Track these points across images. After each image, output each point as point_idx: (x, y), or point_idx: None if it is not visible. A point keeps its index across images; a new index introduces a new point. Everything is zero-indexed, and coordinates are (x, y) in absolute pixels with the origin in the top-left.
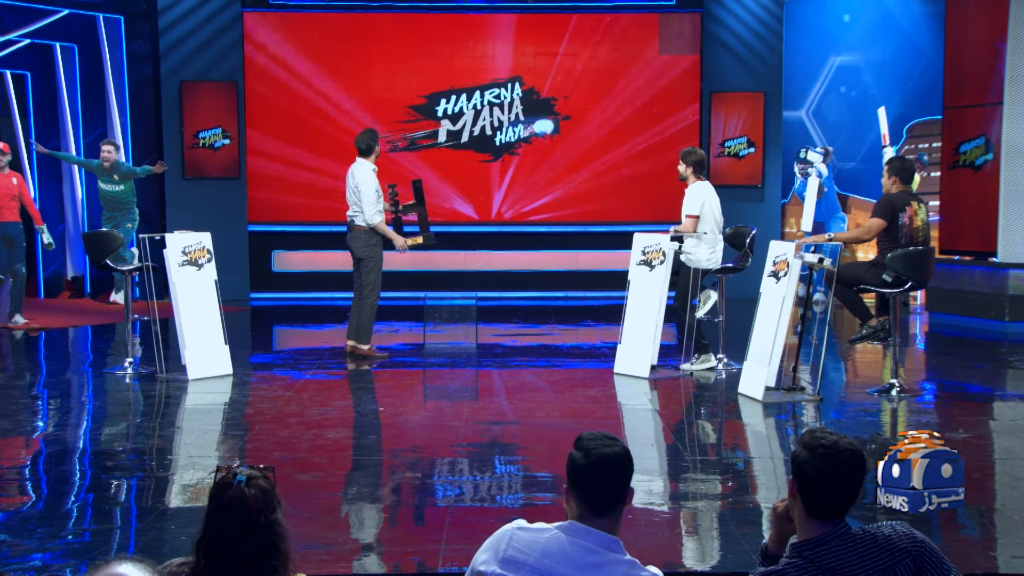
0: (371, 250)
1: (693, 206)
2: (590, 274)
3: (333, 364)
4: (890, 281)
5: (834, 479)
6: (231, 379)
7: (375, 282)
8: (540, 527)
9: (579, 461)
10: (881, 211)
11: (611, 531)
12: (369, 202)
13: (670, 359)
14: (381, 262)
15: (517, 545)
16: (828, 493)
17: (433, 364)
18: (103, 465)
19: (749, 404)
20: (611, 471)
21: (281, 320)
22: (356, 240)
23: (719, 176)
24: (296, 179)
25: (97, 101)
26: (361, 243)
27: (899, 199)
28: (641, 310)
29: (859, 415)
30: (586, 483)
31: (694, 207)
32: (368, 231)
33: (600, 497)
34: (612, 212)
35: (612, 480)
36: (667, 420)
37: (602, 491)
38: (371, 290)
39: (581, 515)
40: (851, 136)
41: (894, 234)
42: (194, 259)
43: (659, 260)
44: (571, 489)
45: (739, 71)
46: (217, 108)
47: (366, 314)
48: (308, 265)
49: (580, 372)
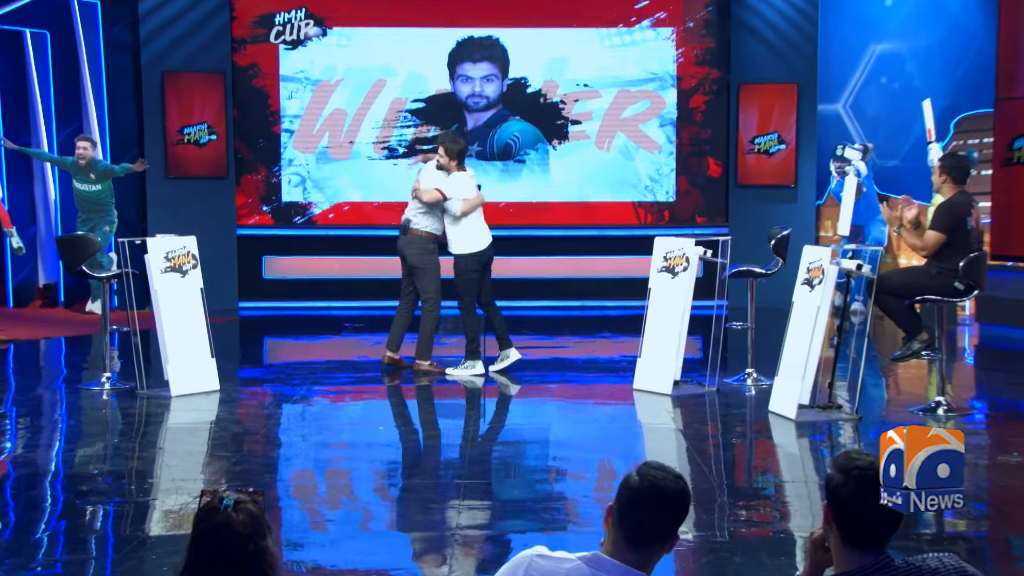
0: (427, 257)
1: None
2: (607, 281)
3: (328, 379)
4: (962, 289)
5: (872, 505)
6: (218, 395)
7: (436, 292)
8: (562, 557)
9: (633, 485)
10: (942, 224)
11: (641, 568)
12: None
13: (695, 374)
14: (438, 269)
15: (535, 574)
16: (866, 520)
17: (437, 379)
18: (77, 489)
19: (781, 423)
20: (662, 506)
21: (272, 331)
22: (411, 246)
23: (748, 175)
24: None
25: (71, 93)
26: (416, 249)
27: (961, 205)
28: (663, 321)
29: None
30: (632, 510)
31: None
32: (424, 236)
33: (641, 529)
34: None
35: (660, 516)
36: (691, 440)
37: (646, 524)
38: (432, 302)
39: (615, 541)
40: (893, 131)
41: (962, 239)
42: (178, 265)
43: (682, 267)
44: (616, 511)
45: (770, 61)
46: (203, 101)
47: (427, 327)
48: (302, 272)
49: (597, 388)
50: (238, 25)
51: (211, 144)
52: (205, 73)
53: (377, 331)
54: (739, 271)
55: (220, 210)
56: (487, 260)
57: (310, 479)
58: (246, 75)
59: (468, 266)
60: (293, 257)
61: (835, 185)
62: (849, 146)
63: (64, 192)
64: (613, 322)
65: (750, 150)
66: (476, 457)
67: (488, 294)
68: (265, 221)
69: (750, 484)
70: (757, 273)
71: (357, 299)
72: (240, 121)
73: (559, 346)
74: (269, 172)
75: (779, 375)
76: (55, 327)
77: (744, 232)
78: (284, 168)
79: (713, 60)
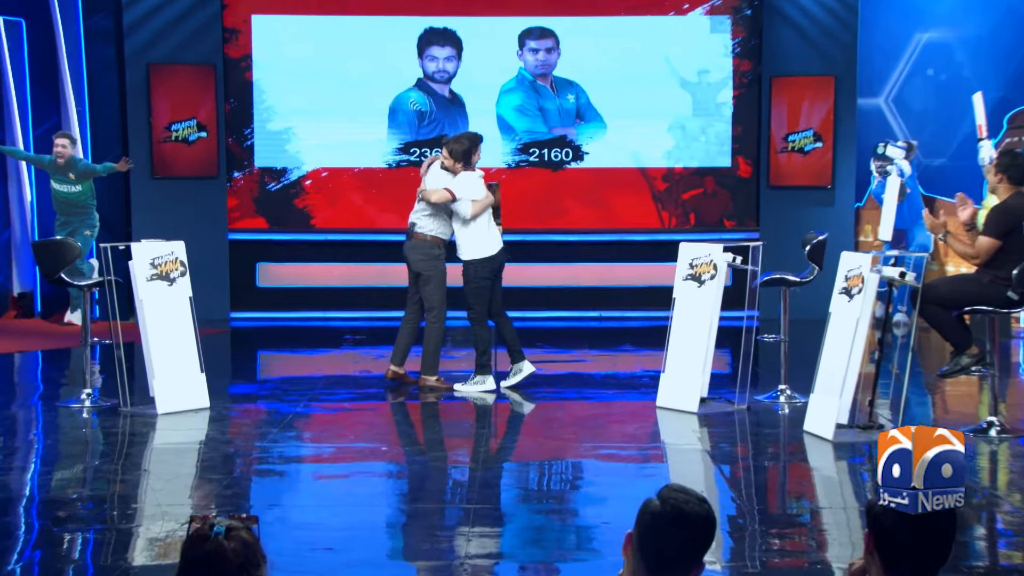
0: (432, 264)
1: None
2: (628, 290)
3: (327, 396)
4: (1016, 299)
5: (918, 534)
6: (208, 413)
7: (441, 302)
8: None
9: (654, 509)
10: (995, 228)
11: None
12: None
13: (723, 391)
14: (444, 277)
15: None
16: (911, 551)
17: (445, 395)
18: (54, 516)
19: (817, 444)
20: (685, 532)
21: (267, 344)
22: (415, 251)
23: (781, 175)
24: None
25: (49, 86)
26: (420, 254)
27: (1017, 208)
28: (688, 333)
29: None
30: (653, 537)
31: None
32: (430, 241)
33: (663, 558)
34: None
35: (683, 543)
36: (719, 463)
37: (668, 551)
38: (437, 313)
39: (635, 571)
40: (940, 127)
41: (1018, 245)
42: (165, 272)
43: (709, 274)
44: (635, 538)
45: (805, 51)
46: (192, 96)
47: (432, 340)
48: (299, 279)
49: (617, 406)
50: (229, 14)
51: (200, 142)
52: (194, 65)
53: (380, 343)
54: (771, 279)
55: (210, 213)
56: (498, 267)
57: (307, 504)
58: (238, 68)
59: (478, 273)
60: (289, 264)
61: (876, 186)
62: (891, 144)
63: (41, 193)
64: (634, 334)
65: (783, 148)
66: (486, 480)
67: (499, 303)
68: (259, 225)
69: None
70: (791, 281)
71: (358, 309)
72: (232, 117)
73: (576, 360)
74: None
75: (815, 392)
76: (31, 339)
77: (777, 237)
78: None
79: (743, 51)
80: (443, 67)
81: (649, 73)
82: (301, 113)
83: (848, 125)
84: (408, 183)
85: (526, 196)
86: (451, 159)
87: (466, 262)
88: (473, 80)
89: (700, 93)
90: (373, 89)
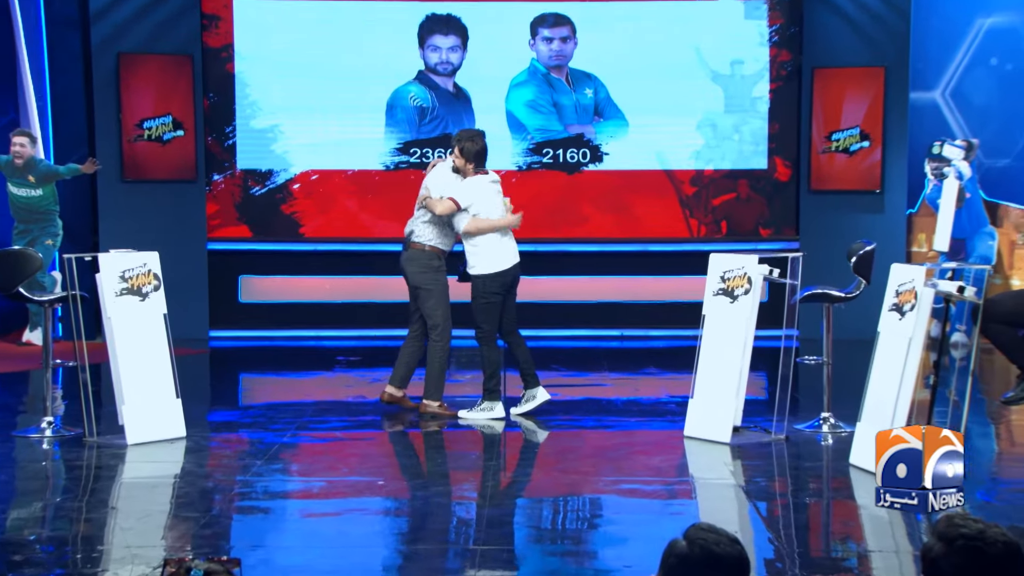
0: (431, 276)
1: None
2: (653, 306)
3: (318, 424)
4: None
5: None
6: (184, 444)
7: (444, 318)
8: None
9: (680, 551)
10: None
11: None
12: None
13: (759, 418)
14: (446, 290)
15: None
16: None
17: (450, 424)
18: (9, 560)
19: (865, 480)
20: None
21: (251, 366)
22: (412, 263)
23: (823, 179)
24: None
25: (6, 79)
26: (418, 266)
27: None
28: (720, 354)
29: (1015, 497)
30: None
31: None
32: (429, 251)
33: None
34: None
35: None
36: (755, 499)
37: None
38: (441, 331)
39: None
40: (1004, 124)
41: None
42: (136, 286)
43: (743, 289)
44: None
45: (851, 39)
46: (167, 89)
47: (436, 362)
48: (287, 294)
49: (640, 435)
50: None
51: (176, 141)
52: (169, 56)
53: (377, 366)
54: (812, 294)
55: (187, 220)
56: (511, 282)
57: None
58: (219, 58)
59: (487, 288)
60: (275, 276)
61: (931, 190)
62: (949, 143)
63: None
64: (659, 355)
65: (826, 148)
66: (495, 518)
67: (512, 321)
68: (242, 233)
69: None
70: (834, 297)
71: (353, 327)
72: (211, 113)
73: (595, 384)
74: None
75: (862, 421)
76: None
77: (818, 247)
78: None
79: (782, 39)
80: (447, 58)
81: (676, 65)
82: (289, 109)
83: (899, 122)
84: (408, 187)
85: (539, 202)
86: (462, 158)
87: (473, 276)
88: (480, 73)
89: (733, 87)
90: (369, 83)
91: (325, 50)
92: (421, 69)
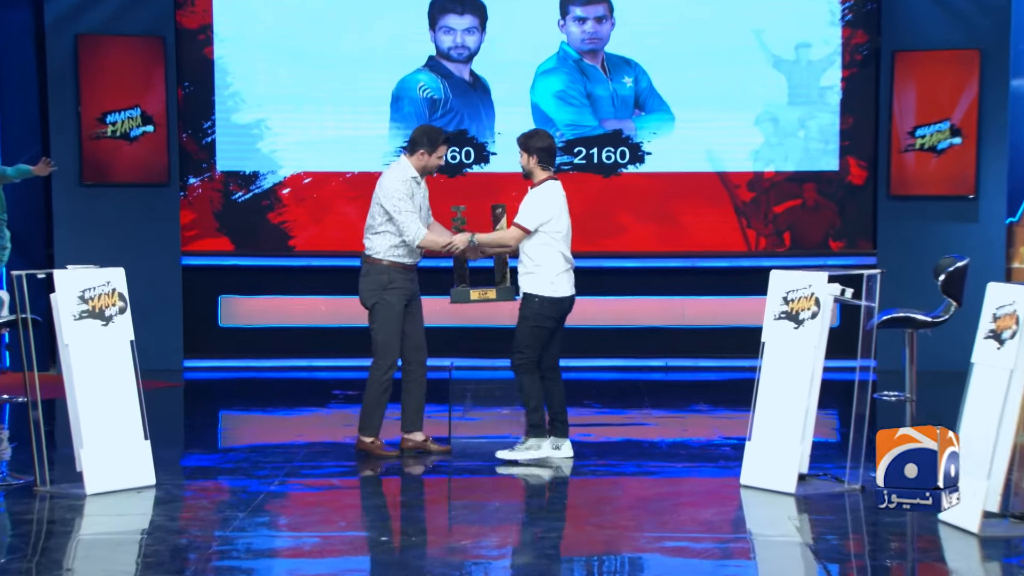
0: (378, 295)
1: None
2: (703, 332)
3: (311, 470)
4: None
5: None
6: (153, 493)
7: (384, 345)
8: None
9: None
10: None
11: None
12: (400, 214)
13: (829, 465)
14: (395, 314)
15: None
16: None
17: (463, 470)
18: None
19: (958, 539)
20: None
21: (232, 401)
22: (362, 281)
23: (906, 182)
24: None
25: None
26: (368, 284)
27: None
28: (782, 388)
29: None
30: None
31: None
32: (388, 266)
33: None
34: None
35: None
36: (825, 560)
37: None
38: (379, 357)
39: None
40: None
41: None
42: (98, 309)
43: (810, 312)
44: None
45: (939, 18)
46: (135, 78)
47: (369, 393)
48: (274, 317)
49: (688, 483)
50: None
51: (145, 138)
52: (138, 38)
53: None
54: (893, 318)
55: (159, 230)
56: (566, 312)
57: None
58: (196, 42)
59: (543, 311)
60: (261, 296)
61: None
62: None
63: None
64: (711, 389)
65: (909, 146)
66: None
67: (555, 356)
68: (222, 246)
69: None
70: (919, 321)
71: (352, 355)
72: (187, 106)
73: (635, 423)
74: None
75: None
76: None
77: (900, 263)
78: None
79: (857, 18)
80: (462, 41)
81: (731, 49)
82: (277, 101)
83: (997, 115)
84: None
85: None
86: (532, 156)
87: (529, 295)
88: (501, 59)
89: (798, 74)
90: (371, 70)
91: (320, 32)
92: (432, 55)
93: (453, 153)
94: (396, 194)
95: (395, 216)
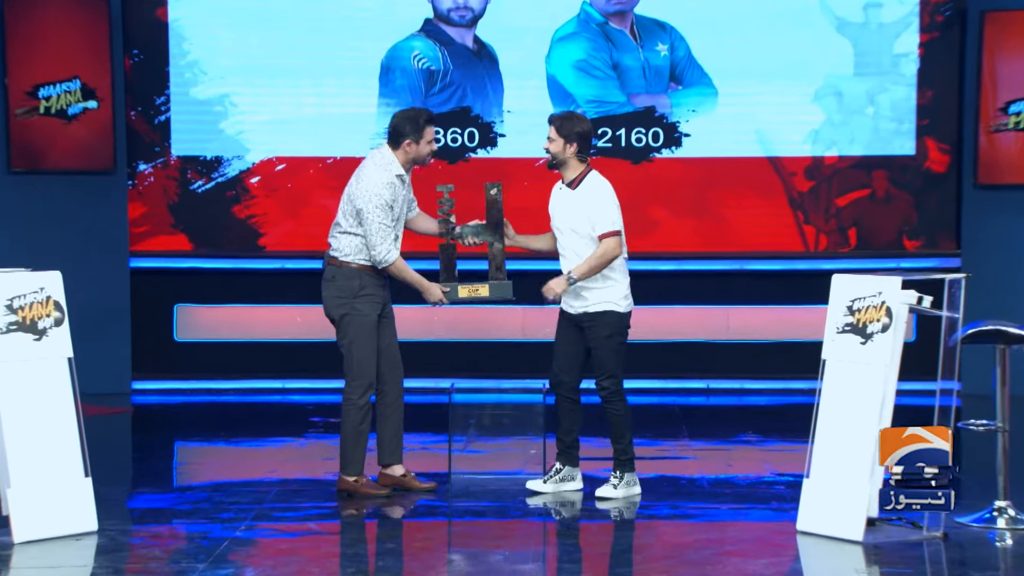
0: (347, 304)
1: None
2: (752, 348)
3: (284, 512)
4: None
5: None
6: (95, 541)
7: (360, 364)
8: None
9: None
10: None
11: None
12: (373, 225)
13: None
14: (369, 327)
15: None
16: None
17: (464, 512)
18: None
19: None
20: None
21: (190, 430)
22: (328, 287)
23: (996, 168)
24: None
25: None
26: (335, 291)
27: None
28: (846, 415)
29: None
30: None
31: None
32: (356, 269)
33: None
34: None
35: None
36: None
37: None
38: (353, 378)
39: None
40: None
41: None
42: (29, 320)
43: (880, 324)
44: None
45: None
46: (73, 45)
47: (348, 423)
48: (239, 330)
49: (735, 527)
50: None
51: (87, 116)
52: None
53: None
54: (981, 331)
55: (103, 227)
56: None
57: None
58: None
59: (624, 324)
60: (225, 306)
61: None
62: None
63: None
64: (761, 416)
65: (1002, 125)
66: None
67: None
68: (178, 245)
69: None
70: (1012, 336)
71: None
72: (135, 78)
73: (671, 456)
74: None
75: None
76: None
77: (989, 266)
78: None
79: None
80: (464, 2)
81: (785, 10)
82: (245, 73)
83: None
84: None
85: None
86: (572, 143)
87: (606, 312)
88: (510, 22)
89: (867, 40)
90: (357, 37)
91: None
92: (429, 17)
93: (454, 134)
94: (375, 199)
95: (366, 224)
